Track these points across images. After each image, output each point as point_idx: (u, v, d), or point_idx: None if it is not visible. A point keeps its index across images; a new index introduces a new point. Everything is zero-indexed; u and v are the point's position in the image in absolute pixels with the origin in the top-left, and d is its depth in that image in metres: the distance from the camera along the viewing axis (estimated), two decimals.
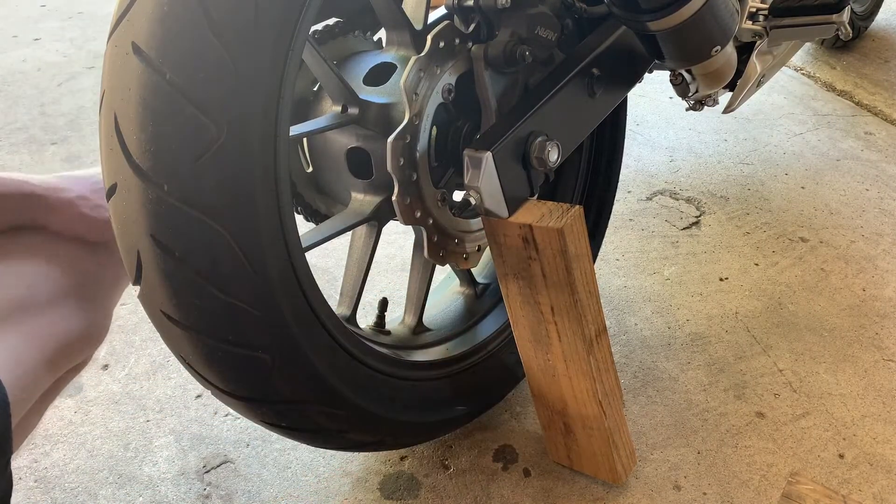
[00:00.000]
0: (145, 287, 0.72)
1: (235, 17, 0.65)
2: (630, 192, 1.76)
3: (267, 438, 1.11)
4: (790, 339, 1.32)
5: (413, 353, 1.04)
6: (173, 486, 1.04)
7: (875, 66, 2.36)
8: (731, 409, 1.17)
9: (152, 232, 0.68)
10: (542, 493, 1.04)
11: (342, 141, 0.93)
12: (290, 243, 0.75)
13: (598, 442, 1.00)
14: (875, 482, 1.05)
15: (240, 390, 0.78)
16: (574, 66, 0.96)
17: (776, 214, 1.67)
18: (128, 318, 1.34)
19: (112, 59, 0.67)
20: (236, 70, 0.66)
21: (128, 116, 0.66)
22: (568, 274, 0.87)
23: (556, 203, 0.90)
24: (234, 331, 0.73)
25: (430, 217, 0.94)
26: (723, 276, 1.48)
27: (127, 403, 1.17)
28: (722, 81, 1.26)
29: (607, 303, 1.40)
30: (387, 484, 1.05)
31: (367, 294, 1.40)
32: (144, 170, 0.66)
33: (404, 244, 1.57)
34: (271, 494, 1.03)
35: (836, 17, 1.25)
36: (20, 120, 2.07)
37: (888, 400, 1.19)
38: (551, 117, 0.92)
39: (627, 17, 0.92)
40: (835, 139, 1.99)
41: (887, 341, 1.31)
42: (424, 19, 0.95)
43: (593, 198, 1.30)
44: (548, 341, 0.95)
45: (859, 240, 1.58)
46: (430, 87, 0.88)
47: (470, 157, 0.85)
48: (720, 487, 1.04)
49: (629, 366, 1.26)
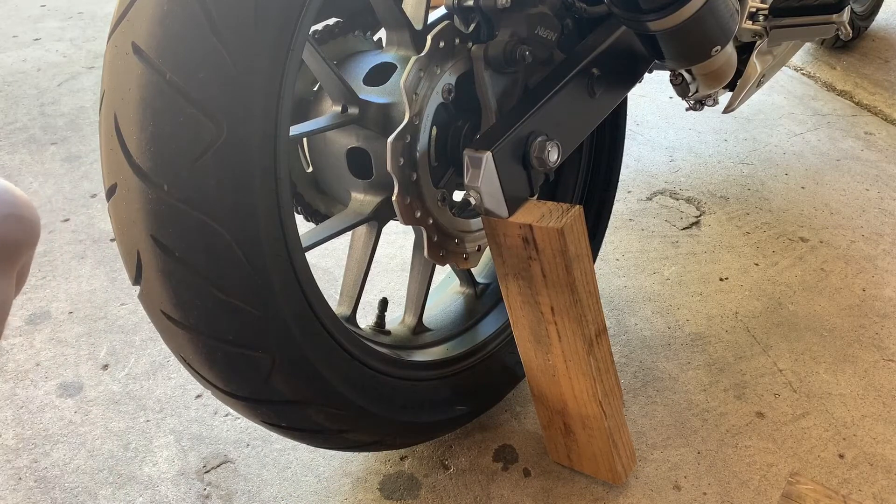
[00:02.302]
0: (145, 287, 0.72)
1: (235, 17, 0.65)
2: (630, 192, 1.76)
3: (267, 438, 1.11)
4: (790, 339, 1.32)
5: (413, 353, 1.04)
6: (173, 486, 1.04)
7: (875, 66, 2.36)
8: (731, 409, 1.17)
9: (152, 232, 0.68)
10: (542, 493, 1.04)
11: (342, 141, 0.93)
12: (290, 243, 0.75)
13: (598, 442, 1.00)
14: (875, 482, 1.05)
15: (240, 390, 0.78)
16: (574, 66, 0.96)
17: (776, 214, 1.67)
18: (128, 318, 1.34)
19: (112, 59, 0.67)
20: (236, 70, 0.66)
21: (128, 116, 0.66)
22: (568, 274, 0.87)
23: (556, 203, 0.90)
24: (234, 331, 0.73)
25: (430, 217, 0.94)
26: (723, 276, 1.48)
27: (127, 403, 1.17)
28: (722, 81, 1.26)
29: (607, 303, 1.40)
30: (387, 484, 1.05)
31: (367, 294, 1.40)
32: (144, 170, 0.66)
33: (404, 244, 1.57)
34: (271, 494, 1.03)
35: (836, 17, 1.25)
36: (20, 120, 2.07)
37: (888, 400, 1.19)
38: (551, 117, 0.92)
39: (627, 17, 0.92)
40: (835, 139, 1.99)
41: (887, 341, 1.31)
42: (424, 19, 0.95)
43: (593, 198, 1.30)
44: (548, 341, 0.95)
45: (859, 240, 1.58)
46: (430, 87, 0.88)
47: (470, 157, 0.85)
48: (720, 487, 1.04)
49: (629, 366, 1.26)
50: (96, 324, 1.33)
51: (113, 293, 1.41)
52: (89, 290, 1.42)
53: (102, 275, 1.46)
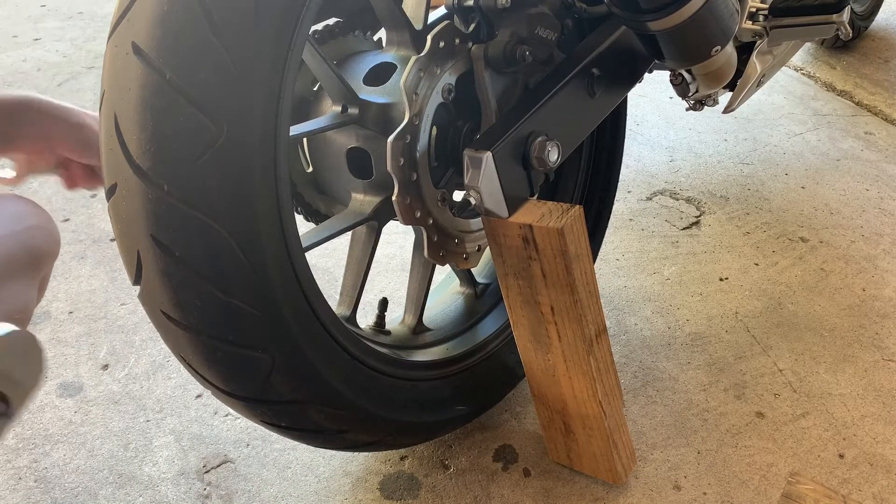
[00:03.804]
0: (145, 287, 0.72)
1: (235, 17, 0.65)
2: (630, 192, 1.76)
3: (267, 438, 1.11)
4: (790, 339, 1.32)
5: (413, 353, 1.04)
6: (173, 486, 1.04)
7: (875, 66, 2.36)
8: (731, 409, 1.17)
9: (152, 232, 0.68)
10: (542, 493, 1.04)
11: (342, 141, 0.93)
12: (290, 243, 0.75)
13: (598, 442, 1.00)
14: (875, 482, 1.05)
15: (240, 390, 0.78)
16: (574, 66, 0.96)
17: (776, 214, 1.67)
18: (128, 318, 1.34)
19: (112, 59, 0.67)
20: (236, 70, 0.66)
21: (128, 116, 0.66)
22: (568, 274, 0.87)
23: (556, 203, 0.90)
24: (234, 331, 0.73)
25: (430, 217, 0.94)
26: (723, 276, 1.48)
27: (127, 403, 1.17)
28: (722, 81, 1.26)
29: (607, 303, 1.40)
30: (387, 484, 1.05)
31: (367, 294, 1.40)
32: (144, 170, 0.66)
33: (404, 244, 1.57)
34: (271, 494, 1.03)
35: (836, 17, 1.25)
36: None
37: (888, 400, 1.19)
38: (551, 117, 0.92)
39: (627, 17, 0.92)
40: (835, 139, 1.99)
41: (887, 341, 1.31)
42: (424, 19, 0.95)
43: (593, 198, 1.30)
44: (548, 341, 0.95)
45: (859, 240, 1.58)
46: (430, 86, 0.88)
47: (470, 157, 0.85)
48: (720, 487, 1.04)
49: (629, 366, 1.26)
50: (96, 324, 1.33)
51: (113, 293, 1.41)
52: (89, 290, 1.42)
53: (102, 275, 1.46)
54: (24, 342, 0.56)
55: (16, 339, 0.55)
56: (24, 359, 0.57)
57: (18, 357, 0.56)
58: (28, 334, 0.57)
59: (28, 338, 0.57)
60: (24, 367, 0.57)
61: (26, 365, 0.57)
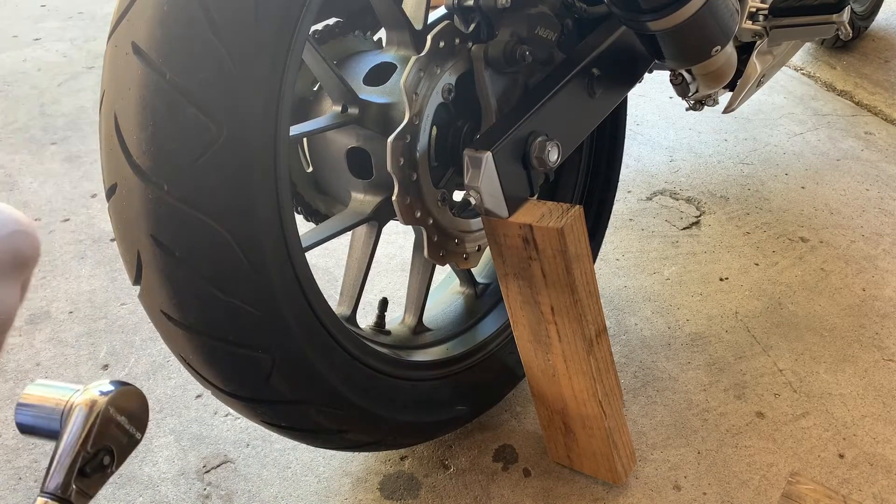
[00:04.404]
0: (145, 287, 0.72)
1: (235, 17, 0.65)
2: (630, 192, 1.76)
3: (267, 438, 1.11)
4: (790, 339, 1.32)
5: (413, 353, 1.04)
6: (173, 486, 1.04)
7: (875, 66, 2.36)
8: (731, 409, 1.17)
9: (152, 232, 0.68)
10: (542, 493, 1.04)
11: (342, 141, 0.93)
12: (290, 243, 0.75)
13: (598, 442, 1.00)
14: (875, 482, 1.05)
15: (240, 390, 0.78)
16: (574, 66, 0.96)
17: (776, 214, 1.67)
18: (128, 318, 1.34)
19: (112, 59, 0.67)
20: (236, 70, 0.66)
21: (128, 116, 0.66)
22: (568, 274, 0.87)
23: (556, 203, 0.90)
24: (234, 331, 0.73)
25: (430, 217, 0.94)
26: (723, 276, 1.48)
27: None
28: (722, 81, 1.26)
29: (607, 303, 1.40)
30: (387, 484, 1.05)
31: (367, 294, 1.40)
32: (144, 170, 0.66)
33: (404, 244, 1.57)
34: (271, 494, 1.03)
35: (836, 17, 1.25)
36: (20, 120, 2.07)
37: (888, 400, 1.19)
38: (551, 117, 0.92)
39: (627, 17, 0.92)
40: (835, 139, 1.99)
41: (887, 341, 1.31)
42: (424, 19, 0.95)
43: (593, 198, 1.30)
44: (548, 341, 0.95)
45: (859, 240, 1.58)
46: (430, 86, 0.88)
47: (470, 157, 0.85)
48: (720, 487, 1.04)
49: (629, 366, 1.26)
50: (96, 324, 1.33)
51: (113, 293, 1.41)
52: (89, 290, 1.42)
53: (102, 275, 1.46)
54: (135, 398, 0.55)
55: (127, 394, 0.54)
56: (132, 414, 0.56)
57: (129, 413, 0.55)
58: (138, 391, 0.56)
59: (138, 394, 0.56)
60: (133, 423, 0.56)
61: (134, 421, 0.56)
